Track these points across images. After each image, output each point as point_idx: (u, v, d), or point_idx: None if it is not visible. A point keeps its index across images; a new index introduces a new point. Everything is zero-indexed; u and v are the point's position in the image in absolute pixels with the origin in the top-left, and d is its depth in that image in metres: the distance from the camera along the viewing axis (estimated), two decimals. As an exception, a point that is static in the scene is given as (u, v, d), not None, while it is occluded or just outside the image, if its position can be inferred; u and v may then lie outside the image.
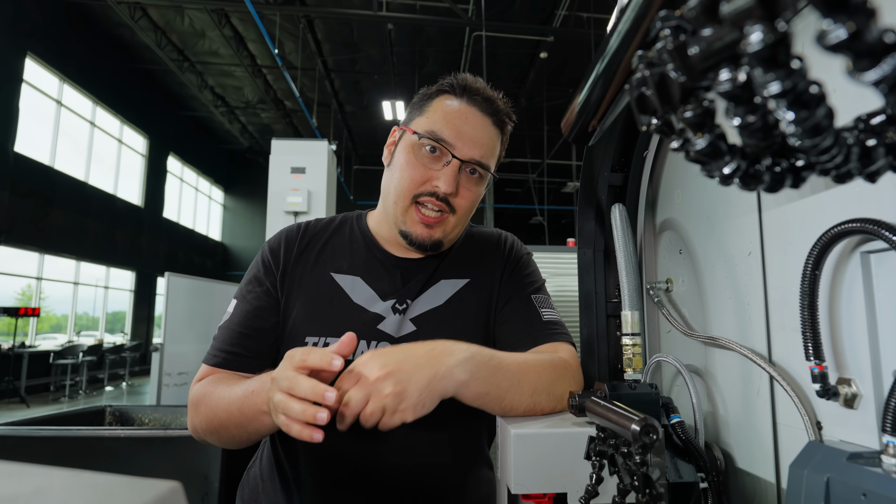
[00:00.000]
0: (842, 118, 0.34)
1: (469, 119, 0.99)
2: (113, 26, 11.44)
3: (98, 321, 13.61)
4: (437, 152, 0.98)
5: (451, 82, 1.03)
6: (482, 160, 1.00)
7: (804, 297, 0.57)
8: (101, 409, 2.34)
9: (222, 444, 0.95)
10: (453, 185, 0.97)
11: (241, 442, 0.92)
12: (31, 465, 0.28)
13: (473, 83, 1.02)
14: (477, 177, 1.01)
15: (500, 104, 1.03)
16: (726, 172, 0.32)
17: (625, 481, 0.58)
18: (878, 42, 0.20)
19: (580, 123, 0.68)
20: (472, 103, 1.00)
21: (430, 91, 1.05)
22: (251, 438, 0.91)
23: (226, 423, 0.89)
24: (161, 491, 0.27)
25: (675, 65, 0.29)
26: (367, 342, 1.02)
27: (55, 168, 10.86)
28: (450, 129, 0.98)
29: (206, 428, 0.93)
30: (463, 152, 0.98)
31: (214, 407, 0.91)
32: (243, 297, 1.06)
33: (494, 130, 1.03)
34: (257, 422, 0.86)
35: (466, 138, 0.98)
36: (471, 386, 0.78)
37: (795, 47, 0.40)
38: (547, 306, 1.09)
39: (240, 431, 0.89)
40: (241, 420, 0.87)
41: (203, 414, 0.93)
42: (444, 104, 1.01)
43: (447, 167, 0.97)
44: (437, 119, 0.99)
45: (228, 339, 1.00)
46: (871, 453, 0.51)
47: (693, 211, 0.86)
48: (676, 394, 0.90)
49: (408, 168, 1.00)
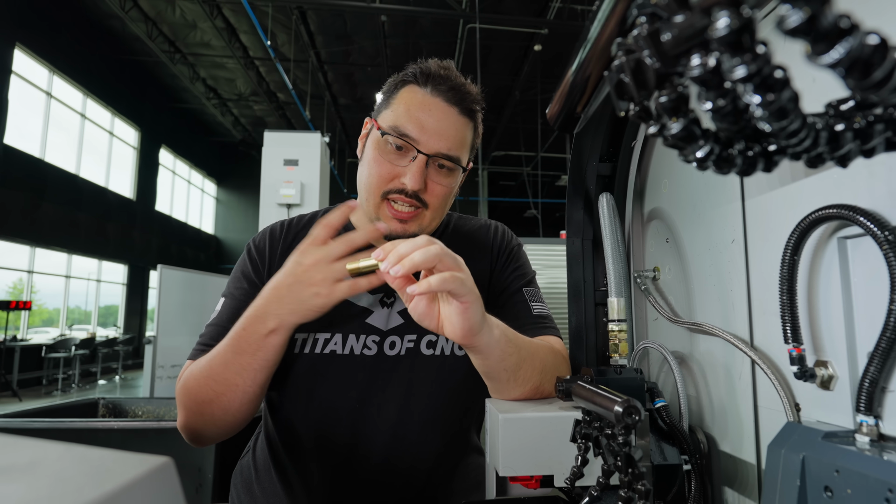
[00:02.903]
0: (821, 106, 0.35)
1: (433, 111, 0.96)
2: (103, 17, 11.30)
3: (90, 315, 13.55)
4: (402, 148, 0.96)
5: (415, 71, 0.99)
6: (449, 153, 0.97)
7: (783, 283, 0.59)
8: (95, 402, 2.34)
9: (215, 425, 0.92)
10: (420, 181, 0.95)
11: (236, 409, 0.90)
12: (25, 438, 0.29)
13: (437, 71, 0.99)
14: (446, 170, 0.99)
15: (468, 91, 1.00)
16: (699, 156, 0.33)
17: (609, 462, 0.60)
18: (833, 26, 0.21)
19: (565, 111, 0.69)
20: (436, 93, 0.97)
21: (396, 80, 1.02)
22: (250, 391, 0.88)
23: (218, 383, 0.87)
24: (153, 465, 0.28)
25: (649, 51, 0.30)
26: (356, 336, 1.02)
27: (46, 160, 10.76)
28: (413, 124, 0.95)
29: (195, 406, 0.90)
30: (428, 146, 0.95)
31: (200, 374, 0.90)
32: (231, 295, 1.05)
33: (462, 119, 0.99)
34: (262, 351, 0.85)
35: (431, 131, 0.95)
36: (498, 336, 0.78)
37: (760, 33, 0.41)
38: (537, 300, 1.11)
39: (234, 390, 0.87)
40: (238, 366, 0.86)
41: (190, 390, 0.91)
42: (408, 95, 0.98)
43: (413, 163, 0.95)
44: (400, 112, 0.97)
45: (216, 335, 0.98)
46: (845, 432, 0.53)
47: (680, 200, 0.87)
48: (663, 380, 0.92)
49: (375, 165, 0.98)
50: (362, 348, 1.02)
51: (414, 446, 1.03)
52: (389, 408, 1.02)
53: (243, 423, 0.96)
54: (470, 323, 0.72)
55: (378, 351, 1.02)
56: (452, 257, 0.71)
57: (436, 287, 0.67)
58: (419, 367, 1.03)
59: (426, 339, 1.05)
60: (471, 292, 0.71)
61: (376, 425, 1.01)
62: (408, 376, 1.03)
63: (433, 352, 1.04)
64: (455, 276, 0.69)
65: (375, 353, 1.02)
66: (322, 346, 1.01)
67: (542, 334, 1.03)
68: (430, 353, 1.04)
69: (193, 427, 0.94)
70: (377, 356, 1.02)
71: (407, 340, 1.04)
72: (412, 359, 1.03)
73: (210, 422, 0.92)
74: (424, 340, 1.05)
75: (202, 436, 0.95)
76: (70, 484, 0.24)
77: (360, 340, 1.02)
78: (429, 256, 0.68)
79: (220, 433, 0.95)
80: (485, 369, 0.81)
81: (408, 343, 1.04)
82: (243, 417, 0.93)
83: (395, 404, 1.02)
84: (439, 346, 1.04)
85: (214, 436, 0.96)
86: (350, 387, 1.01)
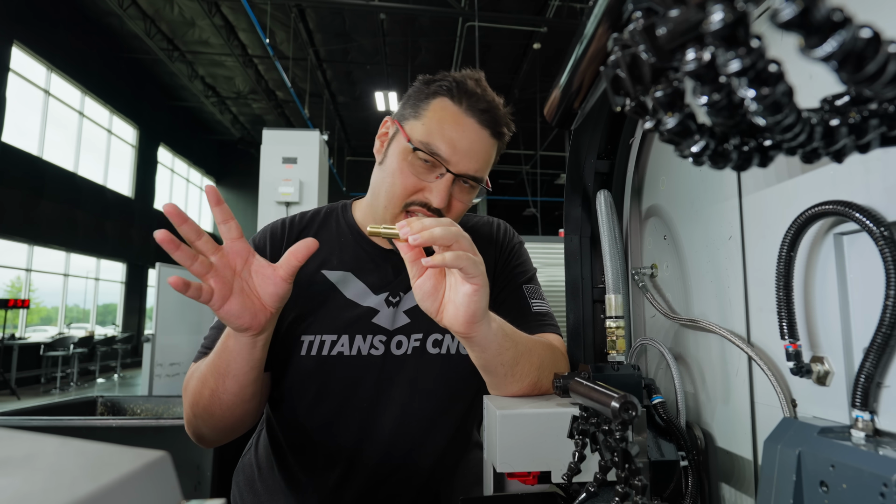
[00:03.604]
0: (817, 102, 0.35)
1: (466, 131, 0.95)
2: (101, 15, 11.27)
3: (89, 313, 13.53)
4: (430, 163, 0.94)
5: (451, 86, 0.96)
6: (476, 174, 0.96)
7: (780, 279, 0.59)
8: (93, 400, 2.33)
9: (216, 426, 0.94)
10: (445, 199, 0.94)
11: (232, 407, 0.90)
12: (22, 432, 0.29)
13: (474, 89, 0.96)
14: (469, 187, 0.98)
15: (500, 114, 0.98)
16: (695, 151, 0.33)
17: (605, 458, 0.60)
18: (825, 20, 0.21)
19: (562, 107, 0.69)
20: (470, 113, 0.95)
21: (428, 89, 0.98)
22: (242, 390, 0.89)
23: (214, 378, 0.89)
24: (150, 459, 0.28)
25: (645, 46, 0.31)
26: (363, 336, 1.02)
27: (44, 158, 10.73)
28: (445, 143, 0.93)
29: (197, 407, 0.92)
30: (458, 167, 0.94)
31: (199, 374, 0.92)
32: None
33: (491, 141, 0.98)
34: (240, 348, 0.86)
35: (462, 153, 0.94)
36: (495, 329, 0.78)
37: (754, 27, 0.41)
38: (537, 297, 1.11)
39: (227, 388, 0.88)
40: (227, 362, 0.87)
41: (192, 391, 0.93)
42: (442, 110, 0.96)
43: (440, 180, 0.94)
44: (433, 128, 0.94)
45: (216, 337, 0.97)
46: (841, 427, 0.53)
47: (677, 197, 0.88)
48: (661, 376, 0.92)
49: (400, 176, 0.96)
50: (369, 348, 1.02)
51: (418, 443, 1.03)
52: (395, 406, 1.02)
53: (243, 426, 0.97)
54: (475, 308, 0.72)
55: (385, 351, 1.03)
56: (469, 241, 0.72)
57: (450, 262, 0.68)
58: (425, 366, 1.04)
59: (432, 338, 1.05)
60: (482, 275, 0.72)
61: (382, 423, 1.02)
62: (413, 375, 1.03)
63: (439, 350, 1.04)
64: (469, 256, 0.69)
65: (383, 353, 1.03)
66: (329, 347, 1.01)
67: (542, 331, 1.03)
68: (435, 352, 1.04)
69: (196, 427, 0.95)
70: (384, 356, 1.03)
71: (413, 339, 1.04)
72: (418, 358, 1.04)
73: (210, 422, 0.93)
74: (430, 339, 1.05)
75: (204, 437, 0.97)
76: (66, 477, 0.24)
77: (367, 341, 1.02)
78: (448, 234, 0.69)
79: (221, 434, 0.96)
80: (482, 363, 0.81)
81: (414, 342, 1.04)
82: (242, 418, 0.94)
83: (400, 403, 1.03)
84: (445, 345, 1.05)
85: (215, 437, 0.97)
86: (357, 387, 1.02)
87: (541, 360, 0.86)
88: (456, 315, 0.73)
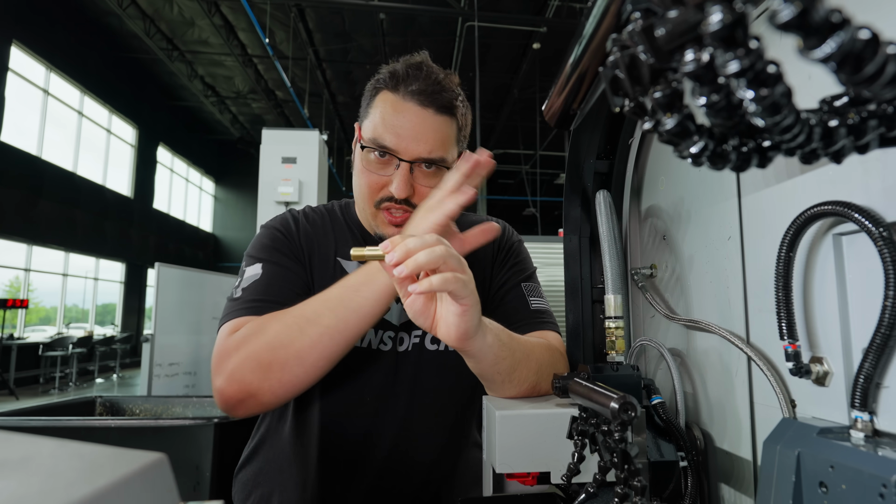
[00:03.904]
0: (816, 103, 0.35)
1: (407, 115, 0.94)
2: (101, 14, 11.27)
3: (88, 313, 13.52)
4: (385, 156, 0.95)
5: (386, 77, 0.97)
6: (430, 156, 0.95)
7: (779, 279, 0.59)
8: (92, 400, 2.33)
9: (279, 380, 0.83)
10: (406, 188, 0.94)
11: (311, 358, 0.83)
12: (18, 434, 0.29)
13: (405, 72, 0.96)
14: (433, 170, 0.97)
15: (442, 87, 0.96)
16: (694, 152, 0.33)
17: (605, 458, 0.60)
18: (824, 21, 0.21)
19: (562, 108, 0.69)
20: (408, 97, 0.95)
21: (372, 86, 1.00)
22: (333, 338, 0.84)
23: (308, 321, 0.84)
24: (147, 461, 0.28)
25: (643, 47, 0.30)
26: (374, 330, 1.03)
27: (43, 158, 10.72)
28: (389, 133, 0.94)
29: (265, 352, 0.82)
30: (408, 153, 0.94)
31: (282, 316, 0.86)
32: (269, 261, 1.00)
33: (439, 118, 0.96)
34: (366, 288, 0.85)
35: (408, 138, 0.94)
36: (491, 341, 0.77)
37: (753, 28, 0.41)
38: (536, 294, 1.11)
39: (339, 334, 0.84)
40: (349, 306, 0.84)
41: (264, 333, 0.84)
42: (382, 102, 0.97)
43: (397, 171, 0.95)
44: (377, 122, 0.96)
45: (262, 290, 0.93)
46: (840, 428, 0.53)
47: (676, 197, 0.87)
48: (661, 377, 0.92)
49: (363, 176, 0.98)
50: (378, 343, 1.04)
51: (419, 440, 1.04)
52: (398, 401, 1.04)
53: (296, 392, 0.87)
54: (466, 326, 0.71)
55: (392, 346, 1.05)
56: (457, 258, 0.70)
57: (437, 287, 0.66)
58: (424, 362, 1.05)
59: (430, 335, 1.06)
60: (471, 295, 0.70)
61: (385, 418, 1.03)
62: (414, 371, 1.05)
63: (437, 347, 1.06)
64: (457, 278, 0.68)
65: (390, 349, 1.04)
66: None
67: (540, 329, 1.03)
68: (434, 349, 1.06)
69: (248, 383, 0.83)
70: (391, 351, 1.04)
71: (413, 336, 1.06)
72: (418, 354, 1.05)
73: (274, 375, 0.83)
74: (429, 336, 1.06)
75: (251, 394, 0.83)
76: (62, 479, 0.23)
77: (377, 335, 1.04)
78: (433, 257, 0.67)
79: (275, 393, 0.84)
80: (479, 371, 0.81)
81: (414, 339, 1.06)
82: (307, 381, 0.86)
83: (403, 398, 1.04)
84: (442, 342, 1.05)
85: (266, 397, 0.84)
86: (365, 380, 1.03)
87: (539, 363, 0.86)
88: (448, 332, 0.72)
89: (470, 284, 0.71)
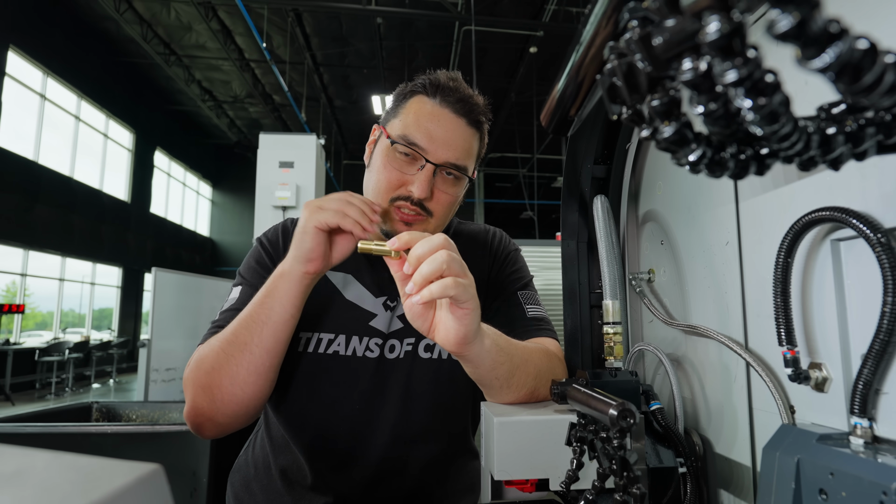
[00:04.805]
0: (813, 110, 0.35)
1: (442, 121, 0.98)
2: (98, 19, 11.26)
3: (84, 318, 13.46)
4: (410, 156, 0.97)
5: (424, 82, 1.01)
6: (457, 162, 0.98)
7: (777, 285, 0.59)
8: (88, 406, 2.32)
9: (221, 400, 0.87)
10: (427, 189, 0.96)
11: (243, 380, 0.87)
12: (12, 447, 0.29)
13: (447, 82, 1.00)
14: (453, 178, 1.00)
15: (475, 102, 1.01)
16: (692, 159, 0.33)
17: (604, 465, 0.60)
18: (822, 31, 0.21)
19: (559, 114, 0.69)
20: (445, 104, 0.99)
21: (405, 90, 1.03)
22: (259, 356, 0.87)
23: (231, 344, 0.87)
24: (142, 472, 0.28)
25: (641, 55, 0.30)
26: (358, 338, 1.03)
27: (39, 163, 10.69)
28: (422, 133, 0.96)
29: (204, 377, 0.87)
30: (436, 156, 0.97)
31: (215, 343, 0.89)
32: (247, 282, 1.04)
33: (469, 130, 1.01)
34: (272, 300, 0.87)
35: (439, 141, 0.97)
36: (489, 346, 0.77)
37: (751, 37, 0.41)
38: (533, 302, 1.11)
39: (244, 350, 0.86)
40: (251, 322, 0.87)
41: (203, 361, 0.89)
42: (417, 105, 1.00)
43: (421, 172, 0.96)
44: (409, 122, 0.98)
45: (232, 318, 0.95)
46: (839, 434, 0.53)
47: (674, 202, 0.88)
48: (659, 382, 0.92)
49: (383, 171, 0.99)
50: (364, 350, 1.04)
51: (411, 447, 1.04)
52: (389, 409, 1.03)
53: (255, 407, 0.91)
54: (465, 331, 0.71)
55: (380, 354, 1.04)
56: (459, 263, 0.71)
57: (437, 294, 0.67)
58: (417, 371, 1.05)
59: (424, 343, 1.06)
60: (472, 299, 0.70)
61: (376, 426, 1.02)
62: (406, 379, 1.04)
63: (430, 355, 1.05)
64: (458, 282, 0.68)
65: (377, 356, 1.04)
66: (325, 346, 1.03)
67: (538, 336, 1.03)
68: (427, 357, 1.05)
69: (199, 407, 0.89)
70: (379, 359, 1.04)
71: (406, 344, 1.05)
72: (410, 362, 1.05)
73: (216, 397, 0.88)
74: (422, 344, 1.06)
75: (206, 417, 0.89)
76: (56, 493, 0.23)
77: (362, 342, 1.04)
78: (435, 266, 0.67)
79: (226, 413, 0.89)
80: (476, 377, 0.81)
81: (406, 346, 1.05)
82: (255, 396, 0.89)
83: (394, 406, 1.03)
84: (437, 350, 1.06)
85: (218, 417, 0.90)
86: (351, 388, 1.02)
87: (537, 369, 0.86)
88: (447, 336, 0.72)
89: (471, 289, 0.71)
